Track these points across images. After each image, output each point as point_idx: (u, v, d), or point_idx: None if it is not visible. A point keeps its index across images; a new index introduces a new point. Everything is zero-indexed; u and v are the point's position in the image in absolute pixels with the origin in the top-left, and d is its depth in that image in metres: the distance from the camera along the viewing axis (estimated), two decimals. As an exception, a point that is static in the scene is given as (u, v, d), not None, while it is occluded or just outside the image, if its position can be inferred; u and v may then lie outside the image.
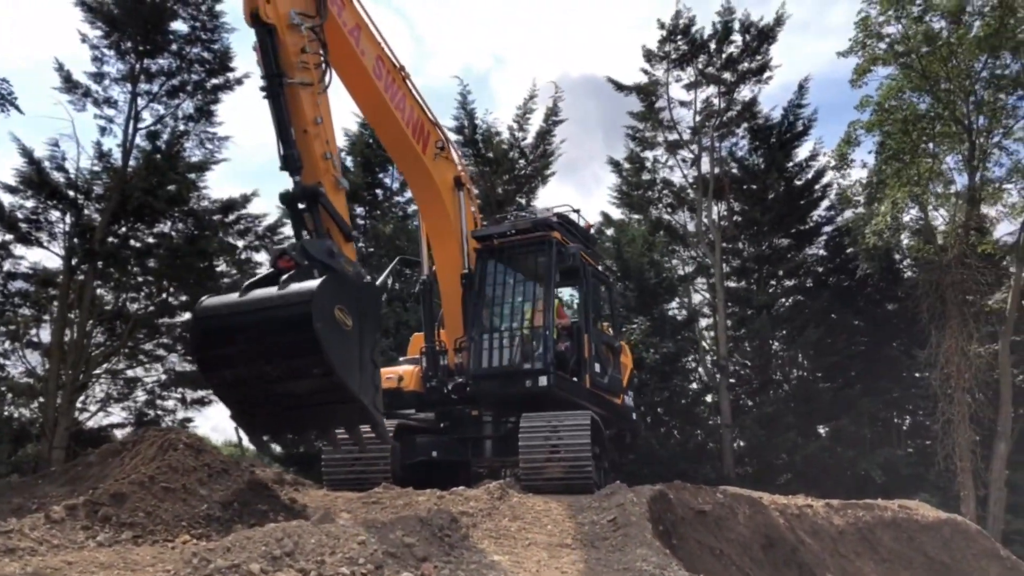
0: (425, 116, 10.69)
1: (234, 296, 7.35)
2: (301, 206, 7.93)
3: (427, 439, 11.49)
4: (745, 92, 29.62)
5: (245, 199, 22.31)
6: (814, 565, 10.62)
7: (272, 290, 7.16)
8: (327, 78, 8.31)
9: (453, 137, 25.98)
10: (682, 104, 29.69)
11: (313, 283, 7.04)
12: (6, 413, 20.12)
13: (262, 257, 22.57)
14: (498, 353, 11.34)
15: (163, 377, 22.07)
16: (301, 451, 21.69)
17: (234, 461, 9.09)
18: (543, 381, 10.80)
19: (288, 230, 25.22)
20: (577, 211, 12.69)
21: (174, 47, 21.09)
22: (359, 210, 25.81)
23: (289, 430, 8.15)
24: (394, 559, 6.35)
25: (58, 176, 20.24)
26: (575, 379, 11.53)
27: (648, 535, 7.86)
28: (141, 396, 21.89)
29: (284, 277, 7.24)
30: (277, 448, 22.81)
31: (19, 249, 20.29)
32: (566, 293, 13.62)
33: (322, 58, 8.25)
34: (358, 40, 9.27)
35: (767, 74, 29.09)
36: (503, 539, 7.71)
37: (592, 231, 13.85)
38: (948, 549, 13.26)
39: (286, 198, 7.92)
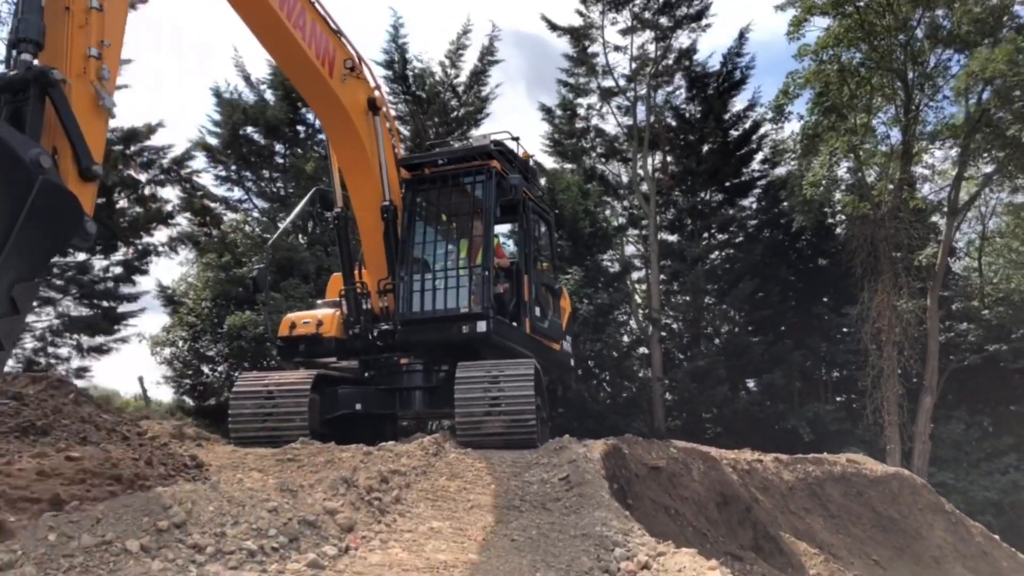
0: (329, 31, 9.11)
1: None
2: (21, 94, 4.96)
3: (350, 390, 10.34)
4: (683, 39, 28.90)
5: (150, 129, 20.39)
6: (768, 523, 9.95)
7: None
8: None
9: (382, 73, 24.35)
10: (617, 49, 28.79)
11: None
12: None
13: (167, 193, 20.60)
14: (430, 296, 10.18)
15: (55, 322, 20.15)
16: (211, 403, 20.22)
17: (127, 417, 7.76)
18: (482, 327, 9.70)
19: (198, 165, 23.16)
20: (516, 139, 11.44)
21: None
22: (279, 147, 23.87)
23: None
24: (312, 529, 5.26)
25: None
26: (514, 324, 10.48)
27: (605, 495, 6.93)
28: (29, 344, 19.91)
29: None
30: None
31: None
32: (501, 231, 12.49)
33: None
34: None
35: (704, 20, 28.43)
36: (441, 501, 6.66)
37: (531, 162, 12.60)
38: (896, 503, 12.92)
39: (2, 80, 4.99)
